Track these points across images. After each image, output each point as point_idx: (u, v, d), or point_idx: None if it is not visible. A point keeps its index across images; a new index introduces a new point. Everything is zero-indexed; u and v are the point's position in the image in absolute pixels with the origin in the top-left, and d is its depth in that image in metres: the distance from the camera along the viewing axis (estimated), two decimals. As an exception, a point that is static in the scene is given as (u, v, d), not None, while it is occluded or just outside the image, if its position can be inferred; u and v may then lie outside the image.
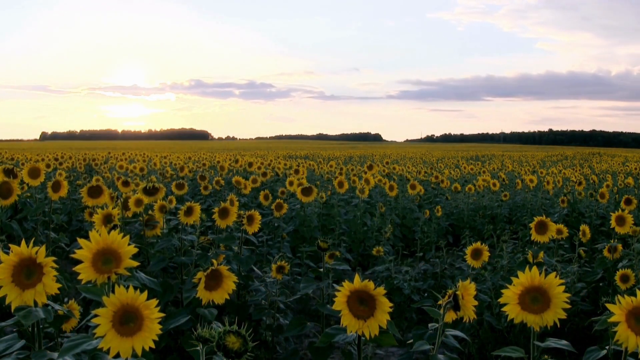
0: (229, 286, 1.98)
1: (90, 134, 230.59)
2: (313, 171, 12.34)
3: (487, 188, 9.12)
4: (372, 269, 5.05)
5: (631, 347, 1.50)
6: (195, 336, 1.32)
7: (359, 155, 30.66)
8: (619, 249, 4.04)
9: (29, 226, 4.57)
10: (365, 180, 7.12)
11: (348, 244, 6.37)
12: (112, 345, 1.34)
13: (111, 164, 13.24)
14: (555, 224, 3.50)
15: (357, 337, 1.85)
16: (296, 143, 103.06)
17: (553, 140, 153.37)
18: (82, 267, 1.54)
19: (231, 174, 10.21)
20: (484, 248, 3.39)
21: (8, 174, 3.38)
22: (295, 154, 29.91)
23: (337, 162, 17.32)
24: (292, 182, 6.61)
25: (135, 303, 1.36)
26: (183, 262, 3.37)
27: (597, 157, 31.11)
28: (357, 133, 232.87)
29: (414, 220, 7.51)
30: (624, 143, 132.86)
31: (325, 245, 2.86)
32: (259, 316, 3.40)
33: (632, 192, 9.64)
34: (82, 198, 3.77)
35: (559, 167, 17.87)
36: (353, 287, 1.64)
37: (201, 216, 3.42)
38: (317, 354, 2.85)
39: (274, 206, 4.96)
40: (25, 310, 1.62)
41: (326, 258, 3.12)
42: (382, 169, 11.94)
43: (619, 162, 22.75)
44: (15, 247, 1.55)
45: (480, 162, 20.98)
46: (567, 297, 1.65)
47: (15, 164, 12.12)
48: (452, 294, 1.89)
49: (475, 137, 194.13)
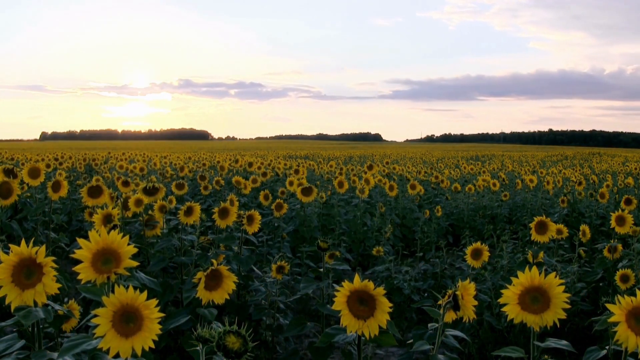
0: (229, 286, 1.98)
1: (90, 134, 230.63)
2: (313, 171, 12.34)
3: (487, 188, 9.12)
4: (372, 269, 5.05)
5: (631, 347, 1.50)
6: (195, 336, 1.32)
7: (359, 155, 30.66)
8: (619, 249, 4.04)
9: (29, 226, 4.57)
10: (365, 180, 7.12)
11: (348, 244, 6.37)
12: (112, 345, 1.34)
13: (111, 164, 13.25)
14: (555, 224, 3.50)
15: (357, 337, 1.85)
16: (296, 143, 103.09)
17: (553, 140, 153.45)
18: (81, 267, 1.54)
19: (231, 174, 10.21)
20: (484, 248, 3.38)
21: (8, 174, 3.38)
22: (295, 154, 29.91)
23: (337, 162, 17.33)
24: (292, 182, 6.61)
25: (135, 303, 1.36)
26: (183, 262, 3.36)
27: (597, 157, 31.11)
28: (357, 133, 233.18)
29: (414, 220, 7.51)
30: (624, 143, 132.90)
31: (325, 245, 2.85)
32: (259, 316, 3.40)
33: (632, 192, 9.64)
34: (82, 198, 3.77)
35: (559, 167, 17.88)
36: (353, 287, 1.64)
37: (201, 216, 3.42)
38: (317, 354, 2.85)
39: (274, 206, 4.96)
40: (25, 310, 1.62)
41: (326, 258, 3.12)
42: (382, 169, 11.94)
43: (619, 162, 22.74)
44: (15, 247, 1.55)
45: (480, 162, 20.98)
46: (567, 297, 1.65)
47: (15, 164, 12.12)
48: (452, 294, 1.89)
49: (475, 137, 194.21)
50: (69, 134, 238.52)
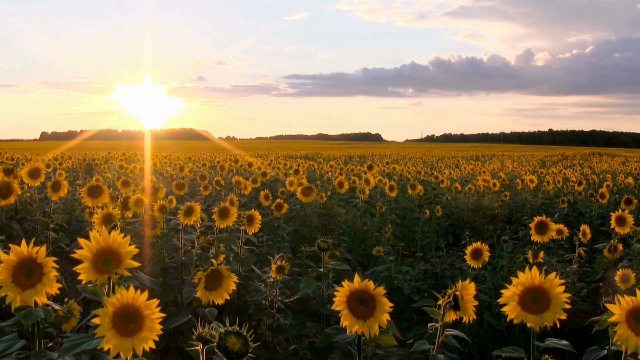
0: (229, 286, 1.98)
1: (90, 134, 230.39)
2: (313, 171, 12.34)
3: (487, 188, 9.11)
4: (372, 269, 5.05)
5: (631, 347, 1.50)
6: (196, 336, 1.32)
7: (359, 155, 30.66)
8: (619, 249, 4.04)
9: (29, 226, 4.57)
10: (365, 180, 7.12)
11: (348, 244, 6.36)
12: (112, 345, 1.34)
13: (111, 164, 13.24)
14: (555, 224, 3.50)
15: (357, 337, 1.85)
16: (296, 143, 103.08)
17: (553, 140, 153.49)
18: (82, 267, 1.54)
19: (231, 174, 10.21)
20: (484, 248, 3.38)
21: (8, 174, 3.38)
22: (295, 154, 29.90)
23: (337, 162, 17.33)
24: (292, 182, 6.61)
25: (136, 303, 1.36)
26: (183, 262, 3.37)
27: (597, 157, 31.11)
28: (357, 133, 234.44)
29: (414, 220, 7.50)
30: (624, 143, 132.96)
31: (325, 245, 2.86)
32: (259, 316, 3.40)
33: (632, 192, 9.63)
34: (82, 198, 3.77)
35: (559, 167, 17.87)
36: (353, 287, 1.64)
37: (201, 216, 3.42)
38: (317, 354, 2.85)
39: (274, 206, 4.96)
40: (25, 310, 1.62)
41: (326, 258, 3.12)
42: (382, 169, 11.94)
43: (619, 162, 22.74)
44: (15, 247, 1.55)
45: (480, 162, 20.97)
46: (567, 297, 1.65)
47: (15, 164, 12.12)
48: (452, 294, 1.89)
49: (476, 137, 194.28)
50: (69, 134, 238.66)
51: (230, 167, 11.61)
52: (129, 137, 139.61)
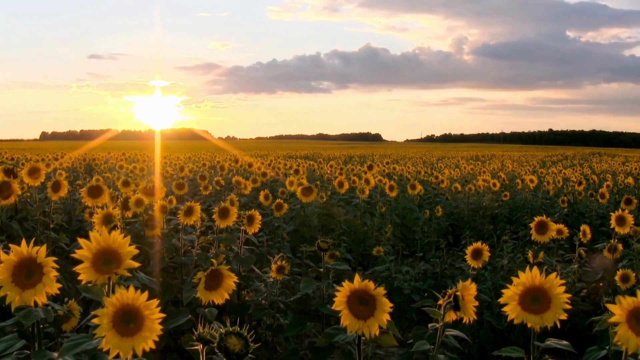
0: (229, 286, 1.97)
1: (90, 134, 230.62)
2: (313, 171, 12.34)
3: (487, 188, 9.11)
4: (372, 269, 5.05)
5: (632, 348, 1.50)
6: (196, 337, 1.32)
7: (359, 155, 30.67)
8: (619, 249, 4.04)
9: (29, 226, 4.57)
10: (365, 180, 7.12)
11: (348, 244, 6.36)
12: (112, 345, 1.34)
13: (111, 164, 13.24)
14: (556, 224, 3.50)
15: (357, 337, 1.85)
16: (296, 143, 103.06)
17: (553, 140, 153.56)
18: (82, 267, 1.54)
19: (231, 174, 10.21)
20: (484, 248, 3.38)
21: (8, 174, 3.38)
22: (296, 154, 29.90)
23: (337, 162, 17.33)
24: (292, 182, 6.61)
25: (136, 303, 1.36)
26: (183, 262, 3.36)
27: (597, 157, 31.11)
28: (357, 133, 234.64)
29: (414, 220, 7.50)
30: (624, 143, 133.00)
31: (325, 245, 2.85)
32: (259, 316, 3.40)
33: (632, 192, 9.64)
34: (82, 198, 3.77)
35: (559, 167, 17.87)
36: (353, 287, 1.64)
37: (201, 216, 3.42)
38: (317, 354, 2.85)
39: (274, 206, 4.96)
40: (25, 310, 1.62)
41: (326, 258, 3.12)
42: (382, 168, 11.94)
43: (619, 162, 22.74)
44: (15, 247, 1.55)
45: (480, 162, 20.97)
46: (567, 298, 1.65)
47: (15, 163, 12.12)
48: (452, 294, 1.88)
49: (476, 137, 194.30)
50: (69, 134, 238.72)
51: (230, 167, 11.61)
52: (127, 137, 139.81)
